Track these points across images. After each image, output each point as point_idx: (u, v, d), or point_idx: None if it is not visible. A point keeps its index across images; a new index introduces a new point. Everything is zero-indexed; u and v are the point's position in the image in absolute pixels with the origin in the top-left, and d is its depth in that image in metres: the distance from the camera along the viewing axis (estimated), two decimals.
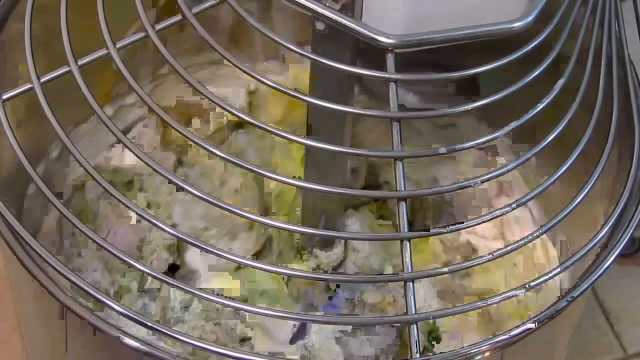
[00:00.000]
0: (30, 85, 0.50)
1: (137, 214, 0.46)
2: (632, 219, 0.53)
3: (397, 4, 0.47)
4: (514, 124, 0.48)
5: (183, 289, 0.45)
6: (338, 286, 0.71)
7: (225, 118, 0.79)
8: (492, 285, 0.72)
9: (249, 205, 0.74)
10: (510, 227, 0.75)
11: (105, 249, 0.46)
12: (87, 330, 0.47)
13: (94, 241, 0.46)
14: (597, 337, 0.88)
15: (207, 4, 0.49)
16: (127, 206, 0.46)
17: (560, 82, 0.50)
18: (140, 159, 0.47)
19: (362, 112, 0.49)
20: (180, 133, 0.47)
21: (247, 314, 0.66)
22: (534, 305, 0.70)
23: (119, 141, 0.48)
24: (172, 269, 0.72)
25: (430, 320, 0.69)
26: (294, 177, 0.47)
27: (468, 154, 0.77)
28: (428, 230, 0.47)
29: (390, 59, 0.48)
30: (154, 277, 0.45)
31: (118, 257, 0.45)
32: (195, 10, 0.49)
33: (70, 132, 0.73)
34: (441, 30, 0.48)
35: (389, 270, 0.72)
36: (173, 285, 0.45)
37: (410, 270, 0.45)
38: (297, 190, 0.71)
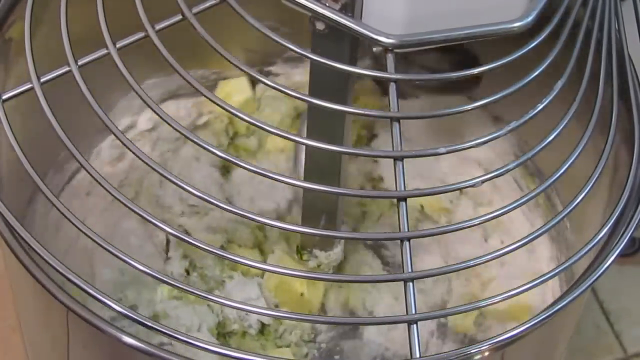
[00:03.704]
0: (30, 85, 0.50)
1: (141, 216, 0.46)
2: (632, 219, 0.53)
3: (397, 4, 0.47)
4: (513, 124, 0.48)
5: (180, 287, 0.45)
6: None
7: None
8: None
9: None
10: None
11: (106, 249, 0.46)
12: (87, 329, 0.48)
13: (94, 241, 0.46)
14: (597, 337, 0.88)
15: (207, 4, 0.50)
16: (133, 210, 0.46)
17: (560, 82, 0.50)
18: (142, 160, 0.47)
19: (362, 112, 0.49)
20: (180, 132, 0.47)
21: None
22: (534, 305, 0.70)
23: None
24: None
25: None
26: (293, 177, 0.47)
27: None
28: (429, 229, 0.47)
29: (390, 58, 0.48)
30: (153, 277, 0.45)
31: (117, 257, 0.46)
32: (196, 10, 0.49)
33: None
34: (441, 30, 0.48)
35: None
36: (171, 284, 0.45)
37: (410, 270, 0.45)
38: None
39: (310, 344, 0.71)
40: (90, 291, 0.45)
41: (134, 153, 0.47)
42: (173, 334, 0.44)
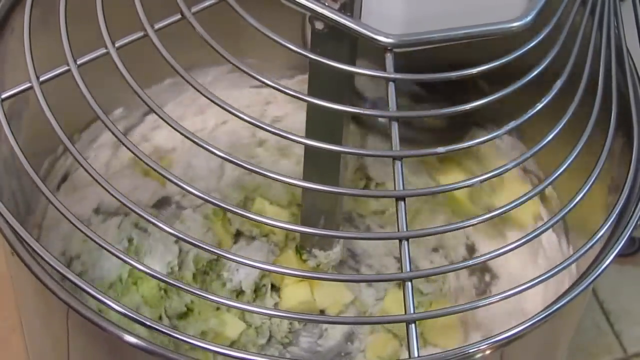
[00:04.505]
0: (29, 85, 0.50)
1: (140, 215, 0.46)
2: (631, 219, 0.53)
3: (396, 4, 0.47)
4: (512, 124, 0.48)
5: (170, 282, 0.45)
6: None
7: None
8: None
9: None
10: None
11: (103, 247, 0.46)
12: (88, 328, 0.48)
13: (93, 240, 0.46)
14: (597, 337, 0.88)
15: (207, 3, 0.50)
16: (131, 209, 0.46)
17: (559, 82, 0.50)
18: (143, 161, 0.47)
19: (362, 111, 0.49)
20: (180, 132, 0.47)
21: None
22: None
23: None
24: None
25: None
26: (293, 177, 0.47)
27: None
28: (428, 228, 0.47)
29: (389, 58, 0.48)
30: (146, 273, 0.45)
31: (115, 255, 0.46)
32: (195, 9, 0.49)
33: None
34: (440, 30, 0.48)
35: None
36: (158, 278, 0.45)
37: (409, 270, 0.45)
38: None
39: (277, 346, 0.71)
40: (90, 291, 0.45)
41: (132, 152, 0.47)
42: (174, 335, 0.44)
